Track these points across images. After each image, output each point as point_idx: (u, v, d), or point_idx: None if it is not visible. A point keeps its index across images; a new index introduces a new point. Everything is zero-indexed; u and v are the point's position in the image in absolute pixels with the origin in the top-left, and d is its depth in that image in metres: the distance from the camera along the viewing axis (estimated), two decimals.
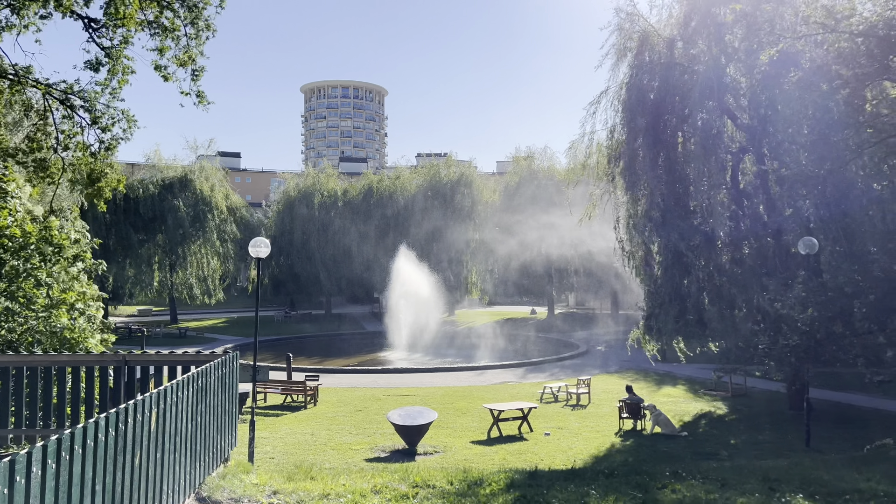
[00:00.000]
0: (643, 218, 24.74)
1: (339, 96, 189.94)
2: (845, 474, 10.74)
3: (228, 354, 9.56)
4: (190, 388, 7.34)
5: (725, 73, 22.16)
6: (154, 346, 43.71)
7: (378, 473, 9.77)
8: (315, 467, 10.56)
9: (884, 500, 8.61)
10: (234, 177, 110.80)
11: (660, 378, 31.76)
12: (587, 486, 8.75)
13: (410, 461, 16.61)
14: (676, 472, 9.84)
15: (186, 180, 55.44)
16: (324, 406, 24.88)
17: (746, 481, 9.66)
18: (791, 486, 9.29)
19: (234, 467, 9.09)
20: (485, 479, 9.30)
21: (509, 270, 60.80)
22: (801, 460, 14.23)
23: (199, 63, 16.55)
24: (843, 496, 8.69)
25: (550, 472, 10.54)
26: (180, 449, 7.23)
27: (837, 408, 23.56)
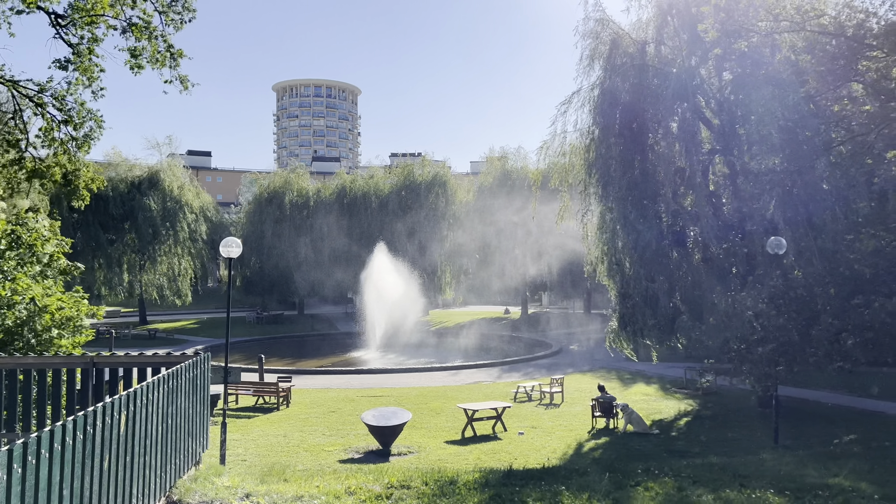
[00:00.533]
0: (615, 218, 24.93)
1: (312, 95, 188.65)
2: (813, 470, 10.97)
3: (199, 356, 9.42)
4: (160, 391, 7.22)
5: (696, 74, 22.46)
6: (123, 348, 42.96)
7: (352, 475, 9.71)
8: (288, 469, 10.47)
9: (852, 494, 8.80)
10: (205, 176, 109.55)
11: (632, 377, 32.09)
12: (561, 485, 8.81)
13: (385, 462, 16.56)
14: (649, 470, 9.95)
15: (154, 179, 54.56)
16: (296, 407, 24.68)
17: (718, 478, 9.81)
18: (761, 483, 9.45)
19: (206, 470, 8.96)
20: (459, 479, 9.29)
21: (483, 270, 60.95)
22: (771, 457, 14.48)
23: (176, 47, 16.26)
24: (813, 491, 8.87)
25: (525, 471, 10.58)
26: (151, 452, 7.10)
27: (804, 405, 24.01)
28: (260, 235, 60.09)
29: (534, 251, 59.03)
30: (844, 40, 13.17)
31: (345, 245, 61.54)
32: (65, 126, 17.03)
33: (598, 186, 25.81)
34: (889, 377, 27.10)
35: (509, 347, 46.37)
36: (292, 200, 62.41)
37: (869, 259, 14.44)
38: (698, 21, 18.90)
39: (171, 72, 16.74)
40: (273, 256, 60.00)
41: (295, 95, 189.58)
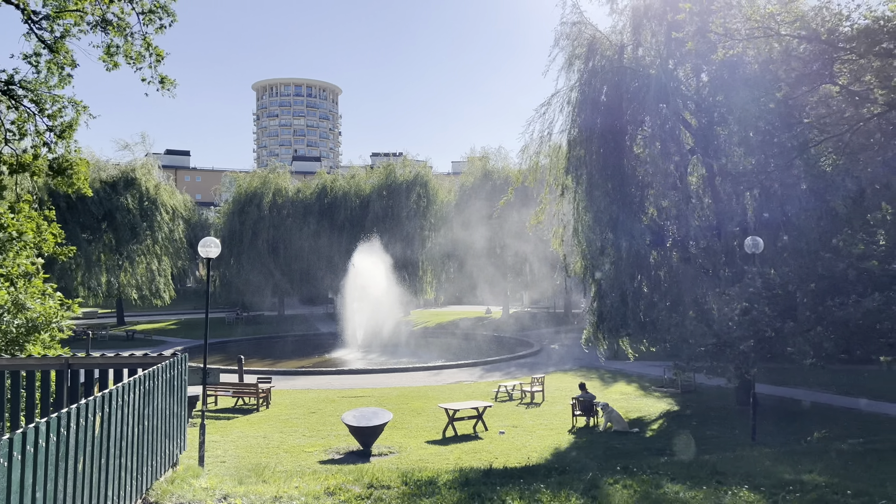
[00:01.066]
0: (593, 218, 25.09)
1: (292, 94, 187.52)
2: (789, 467, 11.12)
3: (176, 357, 9.31)
4: (136, 392, 7.11)
5: (674, 77, 22.67)
6: (100, 349, 42.39)
7: (332, 475, 9.66)
8: (268, 470, 10.39)
9: (825, 490, 8.93)
10: (184, 175, 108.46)
11: (612, 375, 32.32)
12: (540, 483, 8.84)
13: (365, 462, 16.50)
14: (627, 468, 10.03)
15: (130, 179, 53.80)
16: (277, 408, 24.52)
17: (695, 475, 9.91)
18: (737, 479, 9.56)
19: (184, 471, 8.86)
20: (439, 479, 9.29)
21: (464, 270, 61.05)
22: (748, 454, 14.65)
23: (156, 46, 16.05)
24: (787, 487, 8.99)
25: (505, 470, 10.60)
26: (126, 454, 6.99)
27: (781, 402, 24.35)
28: (239, 235, 59.61)
29: (515, 251, 59.27)
30: (818, 44, 13.37)
31: (325, 245, 61.28)
32: (40, 116, 16.75)
33: (577, 187, 25.99)
34: (860, 374, 27.58)
35: (491, 347, 46.46)
36: (272, 200, 62.00)
37: (844, 259, 14.69)
38: (674, 25, 19.08)
39: (151, 71, 16.52)
40: (253, 256, 59.56)
41: (275, 94, 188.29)
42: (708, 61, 20.67)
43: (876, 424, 19.87)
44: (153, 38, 16.20)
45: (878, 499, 8.43)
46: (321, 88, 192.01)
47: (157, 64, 16.38)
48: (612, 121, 24.46)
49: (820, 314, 14.92)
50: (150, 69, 16.25)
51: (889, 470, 11.09)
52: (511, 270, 61.70)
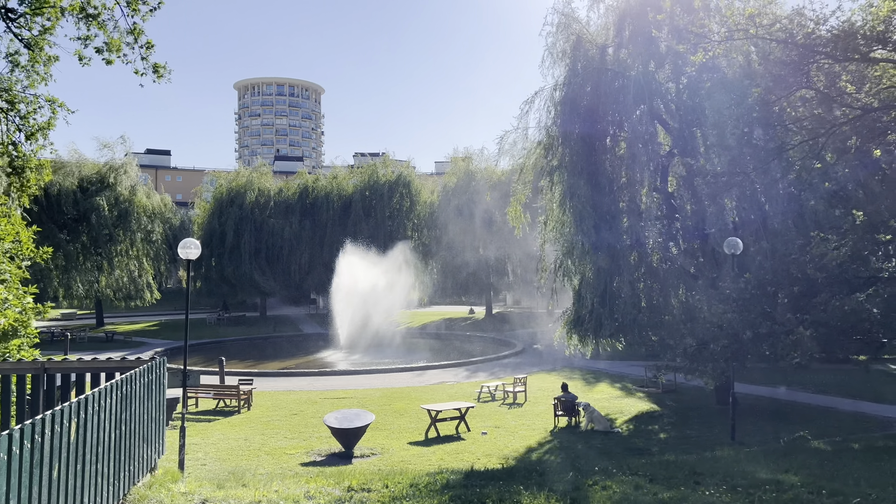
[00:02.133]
0: (574, 219, 25.20)
1: (274, 94, 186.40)
2: (766, 466, 11.24)
3: (155, 360, 9.21)
4: (113, 397, 7.03)
5: (654, 78, 22.82)
6: (79, 352, 41.87)
7: (312, 478, 9.61)
8: (247, 473, 10.31)
9: (800, 489, 9.05)
10: (165, 175, 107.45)
11: (594, 375, 32.46)
12: (520, 485, 8.86)
13: (347, 464, 16.46)
14: (607, 469, 10.08)
15: (109, 178, 53.10)
16: (258, 410, 24.36)
17: (674, 475, 9.99)
18: (715, 479, 9.66)
19: (163, 476, 8.78)
20: (420, 481, 9.28)
21: (447, 270, 61.03)
22: (726, 454, 14.79)
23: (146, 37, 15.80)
24: (763, 487, 9.10)
25: (485, 472, 10.62)
26: (103, 460, 6.91)
27: (760, 402, 24.60)
28: (221, 236, 59.11)
29: (498, 251, 59.35)
30: (794, 47, 13.55)
31: (308, 245, 61.00)
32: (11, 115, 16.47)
33: (559, 187, 26.08)
34: (840, 374, 27.94)
35: (474, 347, 46.50)
36: (254, 200, 61.52)
37: (818, 261, 14.88)
38: (655, 26, 19.23)
39: (144, 63, 16.28)
40: (234, 257, 59.09)
41: (257, 94, 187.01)
42: (688, 62, 20.84)
43: (853, 423, 20.15)
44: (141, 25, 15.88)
45: (852, 498, 8.56)
46: (303, 88, 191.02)
47: (148, 53, 16.10)
48: (594, 121, 24.57)
49: (800, 316, 15.10)
50: (142, 61, 16.01)
51: (863, 469, 11.26)
52: (494, 270, 61.79)
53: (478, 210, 57.94)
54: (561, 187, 25.92)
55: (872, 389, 25.48)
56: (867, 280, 14.48)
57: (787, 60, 13.73)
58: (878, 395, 24.61)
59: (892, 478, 10.06)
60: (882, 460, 12.03)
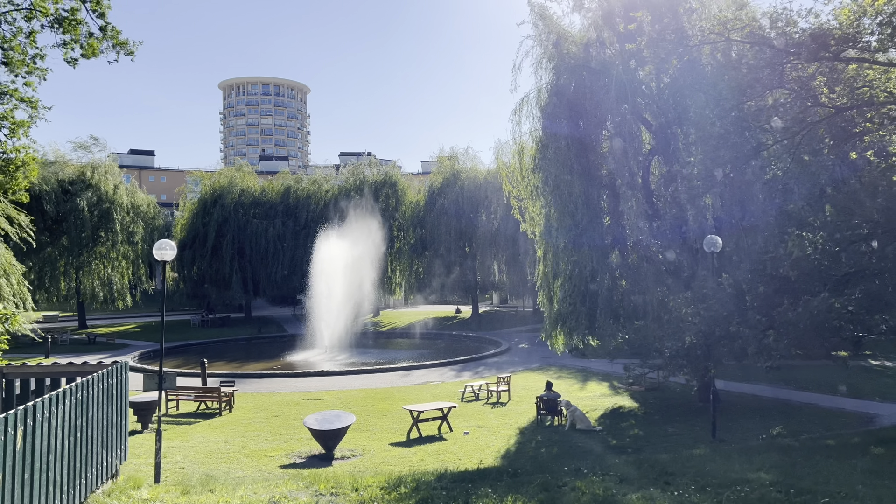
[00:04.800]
0: (557, 218, 25.19)
1: (260, 93, 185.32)
2: (739, 465, 11.22)
3: (116, 365, 9.00)
4: (67, 402, 6.83)
5: (636, 78, 22.83)
6: (60, 354, 41.38)
7: (283, 482, 9.45)
8: (216, 478, 10.12)
9: (769, 489, 9.02)
10: (148, 175, 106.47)
11: (579, 374, 32.46)
12: (488, 487, 8.76)
13: (327, 466, 16.31)
14: (578, 470, 9.99)
15: (90, 179, 52.49)
16: (240, 412, 24.13)
17: (645, 475, 9.94)
18: (686, 479, 9.61)
19: (124, 482, 8.58)
20: (391, 483, 9.15)
21: (433, 270, 60.90)
22: (703, 452, 14.77)
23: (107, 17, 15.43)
24: (733, 487, 9.05)
25: (459, 474, 10.51)
26: (55, 467, 6.70)
27: (743, 399, 24.67)
28: (203, 236, 58.64)
29: (483, 250, 59.33)
30: (769, 49, 13.55)
31: (292, 246, 60.64)
32: None
33: (543, 186, 26.07)
34: (822, 370, 28.08)
35: (460, 347, 46.42)
36: (237, 201, 61.05)
37: (791, 260, 14.91)
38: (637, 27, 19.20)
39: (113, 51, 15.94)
40: (217, 258, 58.64)
41: (242, 93, 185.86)
42: (668, 63, 20.87)
43: (833, 420, 20.25)
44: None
45: (821, 497, 8.54)
46: (289, 87, 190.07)
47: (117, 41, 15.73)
48: (577, 120, 24.56)
49: (771, 316, 15.13)
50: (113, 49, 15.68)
51: (835, 467, 11.27)
52: (481, 270, 61.76)
53: (464, 209, 57.90)
54: (545, 187, 25.92)
55: (852, 385, 25.64)
56: (841, 278, 14.52)
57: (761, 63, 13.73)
58: (858, 391, 24.77)
59: (862, 476, 10.07)
60: (855, 458, 12.05)
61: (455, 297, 69.82)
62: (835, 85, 14.09)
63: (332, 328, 44.77)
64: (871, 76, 13.88)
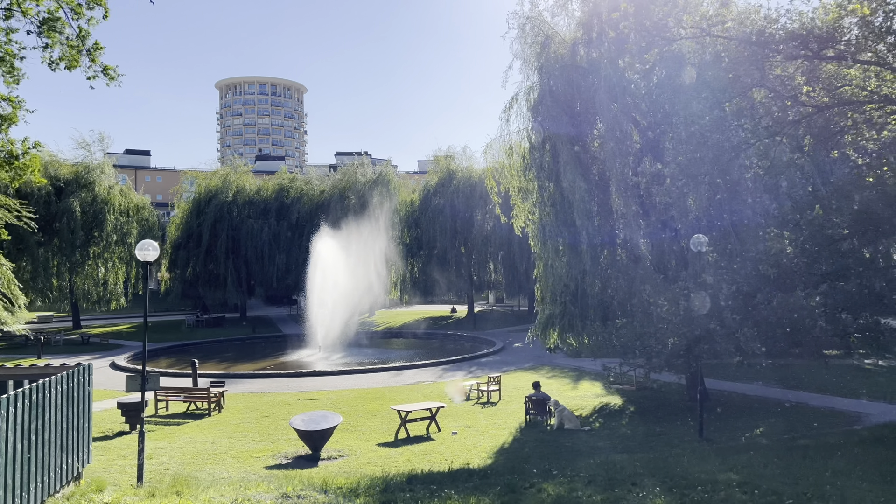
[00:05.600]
0: (548, 217, 25.15)
1: (256, 93, 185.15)
2: (710, 465, 11.17)
3: (79, 367, 8.92)
4: (20, 405, 6.75)
5: (625, 77, 22.76)
6: (53, 355, 41.31)
7: (254, 484, 9.40)
8: (187, 480, 10.03)
9: (735, 490, 8.97)
10: (144, 175, 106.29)
11: (572, 373, 32.43)
12: (451, 490, 8.69)
13: (313, 467, 16.26)
14: (548, 471, 9.93)
15: (84, 179, 52.33)
16: (229, 413, 24.08)
17: (614, 477, 9.88)
18: (654, 480, 9.56)
19: (87, 486, 8.51)
20: (360, 486, 9.10)
21: (428, 269, 60.84)
22: (677, 452, 14.71)
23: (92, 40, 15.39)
24: (699, 488, 9.00)
25: (428, 475, 10.46)
26: (4, 472, 6.59)
27: (733, 397, 24.64)
28: (198, 235, 58.57)
29: (479, 250, 59.30)
30: (748, 46, 13.49)
31: (286, 245, 60.56)
32: None
33: (535, 186, 26.04)
34: (813, 369, 28.07)
35: (454, 346, 46.35)
36: (232, 200, 61.01)
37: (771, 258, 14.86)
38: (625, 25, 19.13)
39: (93, 66, 15.93)
40: (212, 258, 58.58)
41: (239, 93, 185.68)
42: (656, 62, 20.82)
43: (821, 419, 20.21)
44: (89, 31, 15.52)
45: (787, 498, 8.49)
46: (286, 87, 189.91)
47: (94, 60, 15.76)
48: (567, 120, 24.49)
49: (745, 315, 15.10)
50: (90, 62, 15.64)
51: (808, 467, 11.19)
52: (476, 269, 61.70)
53: (459, 209, 57.85)
54: (536, 187, 25.89)
55: (842, 384, 25.62)
56: (819, 277, 14.48)
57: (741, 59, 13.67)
58: (848, 389, 24.74)
59: (833, 477, 10.02)
60: (832, 458, 11.99)
61: (451, 296, 69.79)
62: (815, 84, 14.02)
63: (326, 328, 44.68)
64: (852, 74, 13.82)
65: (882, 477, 9.99)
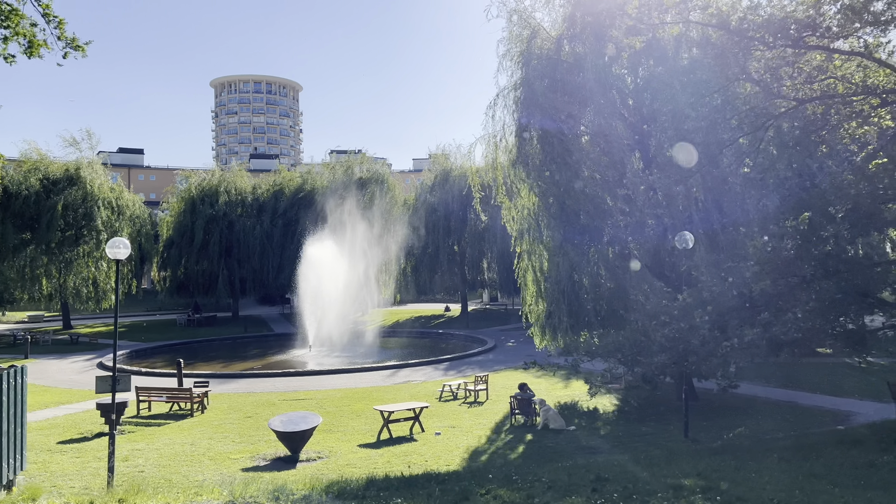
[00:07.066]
0: (538, 215, 24.88)
1: (252, 91, 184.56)
2: (680, 468, 10.87)
3: (12, 369, 8.59)
4: None
5: (611, 71, 22.48)
6: (41, 355, 40.98)
7: (207, 489, 9.10)
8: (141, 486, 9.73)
9: (697, 497, 8.61)
10: (138, 174, 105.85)
11: (562, 372, 32.03)
12: (405, 496, 8.39)
13: (291, 469, 15.99)
14: (508, 476, 9.63)
15: (73, 177, 51.87)
16: (212, 413, 23.77)
17: (576, 482, 9.58)
18: (616, 486, 9.25)
19: (18, 494, 8.20)
20: (315, 491, 8.80)
21: (422, 268, 60.57)
22: (655, 454, 14.45)
23: None
24: (657, 494, 8.69)
25: (386, 480, 10.17)
26: None
27: (723, 397, 24.28)
28: (190, 235, 58.20)
29: (473, 249, 59.00)
30: (728, 34, 13.21)
31: (280, 244, 60.21)
32: None
33: (523, 184, 25.73)
34: (804, 368, 27.84)
35: (446, 345, 46.06)
36: (225, 199, 60.64)
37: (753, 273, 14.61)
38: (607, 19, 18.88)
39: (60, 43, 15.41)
40: (205, 256, 58.21)
41: (234, 91, 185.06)
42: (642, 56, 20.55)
43: (808, 418, 19.98)
44: None
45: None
46: (281, 85, 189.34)
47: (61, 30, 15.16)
48: (554, 116, 24.17)
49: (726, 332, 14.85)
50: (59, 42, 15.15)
51: (782, 469, 10.82)
52: (469, 268, 61.43)
53: (453, 207, 57.58)
54: (525, 184, 25.59)
55: (836, 383, 25.38)
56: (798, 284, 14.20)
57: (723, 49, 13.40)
58: (841, 388, 24.51)
59: (803, 481, 9.72)
60: (808, 460, 11.70)
61: (444, 295, 69.50)
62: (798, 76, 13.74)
63: (318, 327, 44.38)
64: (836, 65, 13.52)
65: (855, 481, 9.71)
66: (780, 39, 12.27)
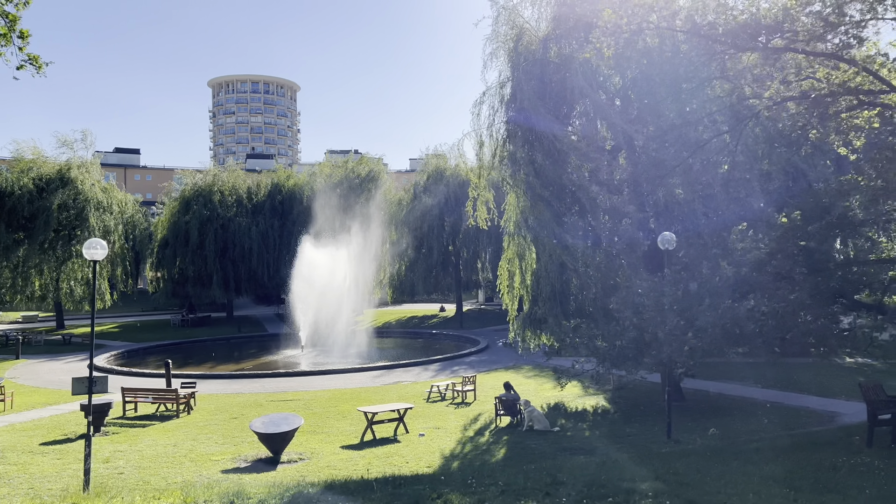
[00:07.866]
0: (526, 215, 24.84)
1: (249, 91, 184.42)
2: (641, 471, 10.80)
3: None
4: None
5: (599, 72, 22.43)
6: (32, 356, 40.97)
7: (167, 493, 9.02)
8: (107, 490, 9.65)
9: (651, 500, 8.54)
10: (134, 174, 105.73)
11: (552, 372, 31.97)
12: (357, 500, 8.34)
13: (272, 470, 15.93)
14: (464, 479, 9.57)
15: (67, 177, 51.79)
16: (198, 414, 23.72)
17: (531, 486, 9.50)
18: (571, 489, 9.19)
19: None
20: (272, 495, 8.74)
21: (417, 268, 60.50)
22: (627, 456, 14.37)
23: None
24: (608, 499, 8.61)
25: (344, 484, 10.09)
26: None
27: (709, 397, 24.33)
28: (185, 235, 58.12)
29: (467, 249, 58.93)
30: (698, 39, 13.17)
31: (275, 244, 60.19)
32: None
33: (511, 184, 25.67)
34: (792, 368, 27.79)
35: (440, 345, 46.02)
36: (220, 199, 60.55)
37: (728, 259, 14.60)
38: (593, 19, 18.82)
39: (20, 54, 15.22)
40: (200, 256, 58.11)
41: (231, 91, 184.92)
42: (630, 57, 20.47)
43: (793, 419, 19.92)
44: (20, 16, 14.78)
45: None
46: (279, 85, 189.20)
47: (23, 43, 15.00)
48: (540, 115, 24.11)
49: (689, 319, 14.85)
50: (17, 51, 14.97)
51: (745, 472, 10.67)
52: (464, 268, 61.38)
53: (448, 207, 57.50)
54: (512, 185, 25.55)
55: (824, 384, 25.34)
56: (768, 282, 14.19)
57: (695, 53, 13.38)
58: (829, 389, 24.45)
59: (761, 484, 9.63)
60: (773, 462, 11.60)
61: (439, 295, 69.43)
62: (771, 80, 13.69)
63: (311, 328, 44.32)
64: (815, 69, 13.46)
65: (814, 484, 9.63)
66: (750, 42, 12.19)
